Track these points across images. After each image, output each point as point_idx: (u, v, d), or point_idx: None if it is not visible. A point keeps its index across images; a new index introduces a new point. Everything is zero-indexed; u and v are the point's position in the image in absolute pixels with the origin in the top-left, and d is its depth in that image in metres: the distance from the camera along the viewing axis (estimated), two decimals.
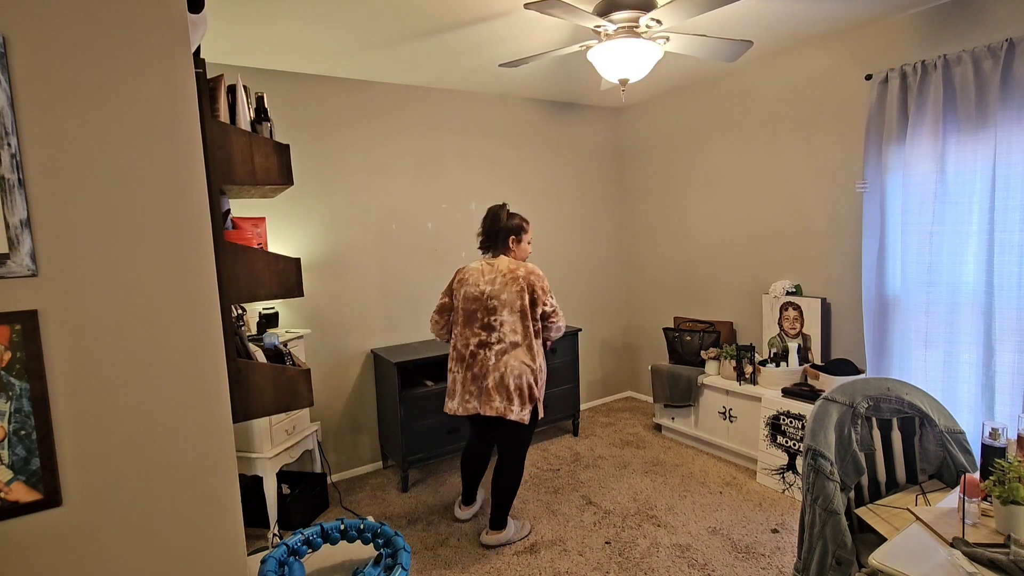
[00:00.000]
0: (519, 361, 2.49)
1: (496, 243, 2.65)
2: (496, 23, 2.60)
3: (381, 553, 1.39)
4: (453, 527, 2.83)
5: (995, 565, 1.25)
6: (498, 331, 2.50)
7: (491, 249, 2.67)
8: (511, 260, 2.60)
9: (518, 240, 2.66)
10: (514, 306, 2.50)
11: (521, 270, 2.54)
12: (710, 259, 3.93)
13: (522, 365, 2.49)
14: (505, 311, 2.50)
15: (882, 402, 1.84)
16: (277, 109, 3.04)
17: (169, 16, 1.10)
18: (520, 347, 2.51)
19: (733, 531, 2.66)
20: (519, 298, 2.50)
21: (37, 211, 1.00)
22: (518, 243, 2.66)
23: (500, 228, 2.63)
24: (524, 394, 2.50)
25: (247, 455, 2.66)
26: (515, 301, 2.50)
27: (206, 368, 1.17)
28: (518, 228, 2.66)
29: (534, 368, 2.53)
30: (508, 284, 2.51)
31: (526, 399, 2.51)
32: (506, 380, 2.47)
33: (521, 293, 2.50)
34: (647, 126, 4.37)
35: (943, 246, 2.57)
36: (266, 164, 1.38)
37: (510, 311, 2.50)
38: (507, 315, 2.50)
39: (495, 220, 2.64)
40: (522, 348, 2.51)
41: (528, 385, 2.50)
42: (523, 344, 2.52)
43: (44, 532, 1.04)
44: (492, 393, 2.47)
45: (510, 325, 2.50)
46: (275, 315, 3.04)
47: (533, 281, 2.53)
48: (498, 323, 2.51)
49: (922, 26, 2.66)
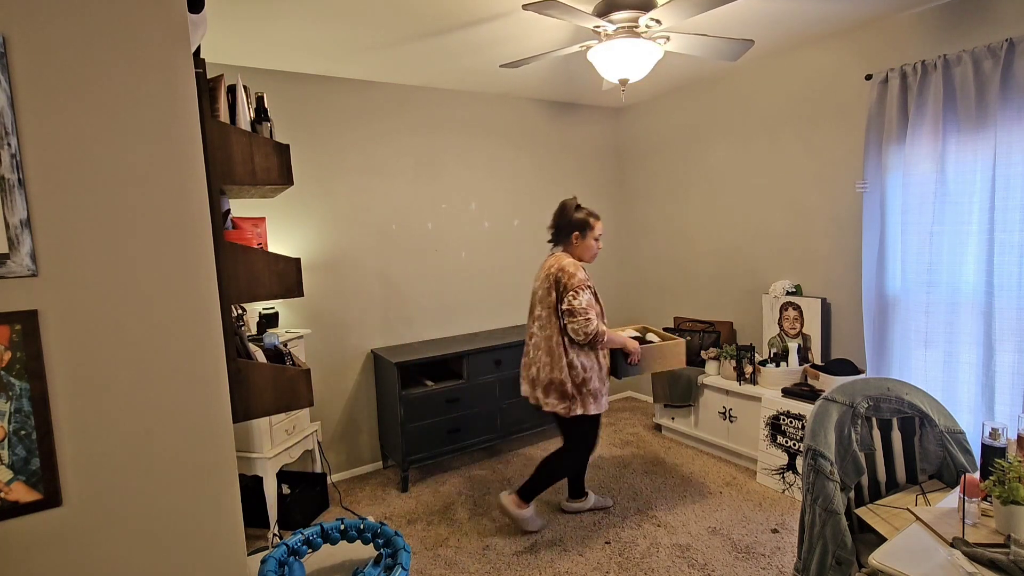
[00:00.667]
0: (548, 356, 2.53)
1: (559, 239, 2.65)
2: (496, 24, 2.60)
3: (381, 553, 1.39)
4: (453, 527, 2.83)
5: (995, 565, 1.25)
6: (536, 325, 2.60)
7: (557, 244, 2.67)
8: (561, 255, 2.59)
9: (581, 236, 2.61)
10: (545, 301, 2.55)
11: (555, 265, 2.54)
12: (710, 259, 3.92)
13: (550, 360, 2.52)
14: (540, 306, 2.58)
15: (882, 402, 1.84)
16: (277, 109, 3.04)
17: (169, 16, 1.10)
18: (550, 342, 2.52)
19: (733, 531, 2.66)
20: (548, 293, 2.53)
21: (37, 211, 1.01)
22: (581, 239, 2.61)
23: (565, 223, 2.62)
24: (556, 388, 2.52)
25: (247, 455, 2.66)
26: (546, 296, 2.54)
27: (206, 368, 1.17)
28: (582, 224, 2.61)
29: (563, 364, 2.50)
30: (544, 279, 2.56)
31: (560, 393, 2.51)
32: (540, 374, 2.57)
33: (550, 289, 2.52)
34: (647, 126, 4.37)
35: (943, 246, 2.57)
36: (266, 164, 1.38)
37: (543, 306, 2.56)
38: (541, 310, 2.57)
39: (561, 214, 2.64)
40: (552, 343, 2.52)
41: (559, 381, 2.50)
42: (553, 339, 2.52)
43: (44, 532, 1.04)
44: (534, 383, 2.61)
45: (543, 320, 2.56)
46: (275, 315, 3.04)
47: (559, 277, 2.50)
48: (536, 317, 2.59)
49: (922, 26, 2.66)
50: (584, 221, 2.60)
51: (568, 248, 2.63)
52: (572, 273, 2.49)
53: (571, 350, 2.51)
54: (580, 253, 2.63)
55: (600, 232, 2.66)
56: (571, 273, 2.49)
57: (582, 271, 2.53)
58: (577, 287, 2.46)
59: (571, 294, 2.46)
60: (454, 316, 3.90)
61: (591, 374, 2.54)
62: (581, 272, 2.52)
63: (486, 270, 4.02)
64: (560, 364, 2.51)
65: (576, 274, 2.49)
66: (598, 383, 2.56)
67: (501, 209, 4.06)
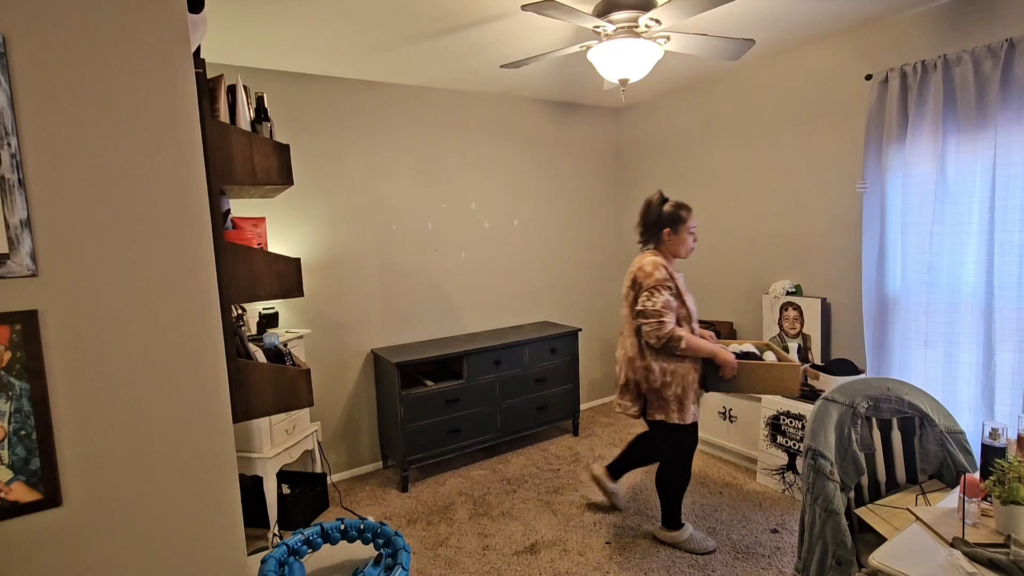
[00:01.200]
0: (626, 356, 2.48)
1: (650, 236, 2.50)
2: (497, 24, 2.60)
3: (381, 553, 1.39)
4: (453, 527, 2.83)
5: (995, 565, 1.25)
6: (622, 325, 2.55)
7: (648, 242, 2.51)
8: (646, 254, 2.47)
9: (673, 231, 2.43)
10: (626, 300, 2.48)
11: (636, 264, 2.45)
12: (710, 259, 3.92)
13: (628, 359, 2.46)
14: (624, 305, 2.51)
15: (882, 402, 1.84)
16: (277, 109, 3.04)
17: (169, 16, 1.10)
18: (628, 340, 2.47)
19: (733, 531, 2.66)
20: (628, 293, 2.46)
21: (37, 211, 1.00)
22: (673, 234, 2.44)
23: (653, 220, 2.46)
24: (630, 390, 2.47)
25: (247, 455, 2.66)
26: (626, 295, 2.48)
27: (206, 368, 1.17)
28: (672, 218, 2.43)
29: (639, 366, 2.41)
30: (627, 278, 2.49)
31: (633, 395, 2.46)
32: (618, 372, 2.54)
33: (630, 289, 2.44)
34: (647, 126, 4.37)
35: (943, 246, 2.57)
36: (266, 164, 1.38)
37: (625, 305, 2.49)
38: (624, 309, 2.52)
39: (648, 211, 2.47)
40: (628, 343, 2.47)
41: (633, 382, 2.44)
42: (629, 340, 2.46)
43: (44, 532, 1.04)
44: (616, 384, 2.58)
45: (624, 319, 2.51)
46: (275, 315, 3.04)
47: (637, 276, 2.40)
48: (623, 318, 2.54)
49: (922, 26, 2.66)
50: (675, 215, 2.43)
51: (660, 246, 2.46)
52: (649, 272, 2.35)
53: (648, 353, 2.39)
54: (674, 250, 2.46)
55: (694, 224, 2.46)
56: (648, 272, 2.35)
57: (662, 270, 2.36)
58: (652, 287, 2.32)
59: (645, 294, 2.33)
60: (454, 316, 3.90)
61: (671, 379, 2.36)
62: (660, 271, 2.35)
63: (486, 270, 4.02)
64: (635, 365, 2.42)
65: (653, 273, 2.34)
66: (680, 390, 2.36)
67: (501, 209, 4.06)
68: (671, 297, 2.34)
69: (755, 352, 2.56)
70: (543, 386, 3.76)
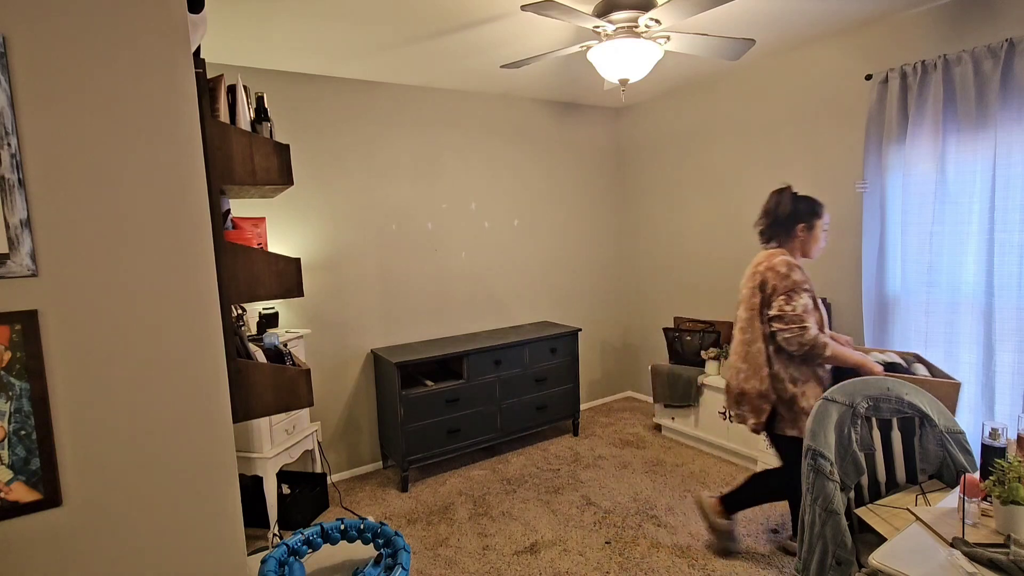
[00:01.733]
0: (745, 363, 2.25)
1: (777, 232, 2.28)
2: (497, 24, 2.60)
3: (381, 553, 1.39)
4: (453, 527, 2.83)
5: (995, 565, 1.25)
6: (737, 328, 2.31)
7: (773, 239, 2.30)
8: (775, 252, 2.24)
9: (808, 228, 2.23)
10: (747, 302, 2.25)
11: (763, 263, 2.21)
12: (710, 259, 3.92)
13: (748, 368, 2.24)
14: (742, 307, 2.28)
15: (882, 402, 1.84)
16: (277, 109, 3.04)
17: (169, 16, 1.10)
18: (749, 348, 2.24)
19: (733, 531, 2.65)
20: (752, 294, 2.22)
21: (37, 211, 1.00)
22: (808, 231, 2.23)
23: (785, 214, 2.24)
24: (749, 400, 2.24)
25: (247, 455, 2.66)
26: (749, 297, 2.24)
27: (206, 368, 1.17)
28: (809, 212, 2.22)
29: (765, 374, 2.19)
30: (750, 278, 2.25)
31: (753, 406, 2.24)
32: (733, 381, 2.31)
33: (755, 290, 2.21)
34: (647, 126, 4.37)
35: (943, 246, 2.57)
36: (266, 164, 1.38)
37: (745, 307, 2.26)
38: (742, 311, 2.28)
39: (779, 203, 2.26)
40: (752, 349, 2.23)
41: (755, 392, 2.21)
42: (754, 346, 2.22)
43: (44, 532, 1.04)
44: (728, 391, 2.37)
45: (744, 323, 2.27)
46: (275, 315, 3.04)
47: (768, 277, 2.17)
48: (738, 320, 2.31)
49: (922, 26, 2.66)
50: (811, 210, 2.23)
51: (788, 243, 2.25)
52: (784, 273, 2.13)
53: (777, 360, 2.18)
54: (806, 249, 2.26)
55: (828, 221, 2.29)
56: (783, 273, 2.13)
57: (799, 271, 2.15)
58: (790, 290, 2.11)
59: (782, 298, 2.11)
60: (454, 316, 3.90)
61: (803, 389, 2.15)
62: (797, 273, 2.14)
63: (486, 270, 4.02)
64: (760, 374, 2.19)
65: (790, 275, 2.13)
66: (813, 402, 2.07)
67: (501, 209, 4.06)
68: (810, 300, 2.15)
69: (901, 364, 2.27)
70: (543, 386, 3.76)
